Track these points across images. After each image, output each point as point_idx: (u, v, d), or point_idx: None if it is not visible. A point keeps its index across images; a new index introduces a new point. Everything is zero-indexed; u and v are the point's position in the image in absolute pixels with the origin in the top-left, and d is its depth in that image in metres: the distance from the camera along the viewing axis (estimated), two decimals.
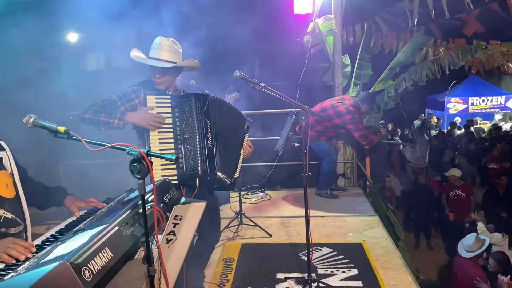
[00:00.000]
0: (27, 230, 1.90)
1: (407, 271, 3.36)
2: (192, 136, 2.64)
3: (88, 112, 2.56)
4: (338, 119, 5.15)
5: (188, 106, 2.66)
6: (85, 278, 1.26)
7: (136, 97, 2.65)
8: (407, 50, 6.72)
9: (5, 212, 1.78)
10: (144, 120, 2.54)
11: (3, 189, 1.81)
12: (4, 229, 1.77)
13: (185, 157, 2.62)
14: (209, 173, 2.65)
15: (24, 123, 1.75)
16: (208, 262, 3.64)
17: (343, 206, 5.23)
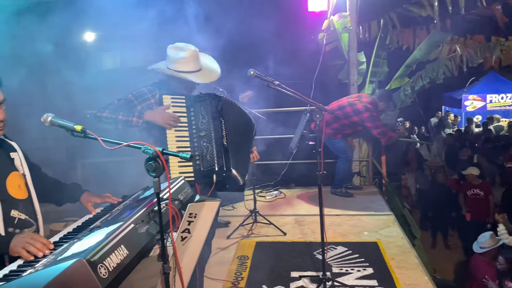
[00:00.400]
0: (39, 230, 1.92)
1: (423, 270, 3.32)
2: (208, 134, 2.70)
3: (106, 111, 2.59)
4: (356, 117, 5.12)
5: (203, 106, 2.73)
6: (101, 275, 1.28)
7: (152, 96, 2.70)
8: (424, 47, 6.64)
9: (19, 213, 1.80)
10: (161, 119, 2.60)
11: (16, 191, 1.83)
12: (19, 230, 1.79)
13: (202, 154, 2.67)
14: (225, 169, 2.69)
15: (42, 122, 1.78)
16: (223, 259, 3.67)
17: (359, 204, 5.19)
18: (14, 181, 1.84)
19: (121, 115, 2.57)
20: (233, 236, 4.20)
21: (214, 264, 3.55)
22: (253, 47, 6.26)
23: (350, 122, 5.20)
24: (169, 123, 2.61)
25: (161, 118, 2.60)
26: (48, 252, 1.58)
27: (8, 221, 1.74)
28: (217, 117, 2.74)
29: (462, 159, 9.09)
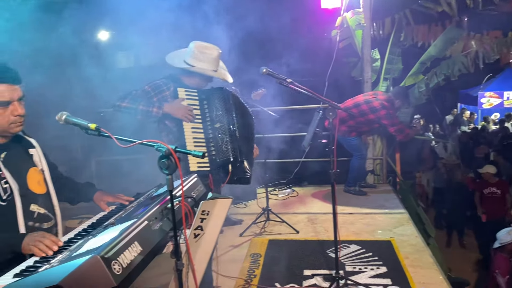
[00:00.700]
0: (58, 225, 1.97)
1: (438, 269, 3.28)
2: (223, 126, 2.85)
3: (126, 101, 2.68)
4: (373, 114, 5.09)
5: (217, 98, 2.88)
6: (115, 271, 1.29)
7: (167, 89, 2.81)
8: (439, 43, 6.56)
9: (39, 207, 1.85)
10: (179, 111, 2.73)
11: (36, 186, 1.88)
12: (38, 224, 1.84)
13: (217, 145, 2.81)
14: (239, 160, 2.84)
15: (57, 120, 1.81)
16: (236, 256, 3.68)
17: (372, 203, 5.15)
18: (34, 177, 1.89)
19: (141, 105, 2.67)
20: (245, 234, 4.21)
21: (227, 261, 3.56)
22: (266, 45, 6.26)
23: (366, 120, 5.18)
24: (186, 116, 2.73)
25: (179, 110, 2.72)
26: (56, 249, 1.62)
27: (28, 215, 1.79)
28: (229, 110, 2.88)
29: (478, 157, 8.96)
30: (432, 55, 6.68)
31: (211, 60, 2.85)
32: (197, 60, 2.83)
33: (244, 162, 2.88)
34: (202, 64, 2.83)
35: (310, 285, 3.11)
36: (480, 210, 6.98)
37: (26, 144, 1.95)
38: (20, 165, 1.85)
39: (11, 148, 1.84)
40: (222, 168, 2.83)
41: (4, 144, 1.81)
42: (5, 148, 1.80)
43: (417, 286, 3.01)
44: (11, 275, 1.47)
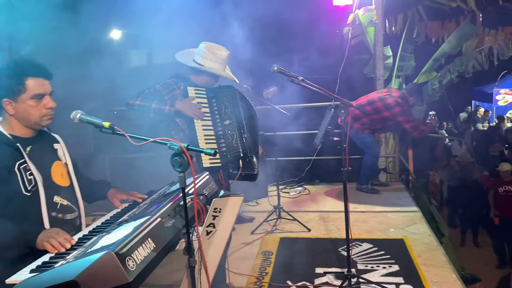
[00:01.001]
0: (81, 217, 2.07)
1: (451, 268, 3.25)
2: (232, 122, 2.94)
3: (138, 99, 2.78)
4: (387, 111, 5.08)
5: (225, 96, 2.98)
6: (129, 267, 1.31)
7: (177, 88, 2.90)
8: (453, 40, 6.48)
9: (62, 199, 1.94)
10: (190, 110, 2.80)
11: (59, 178, 1.97)
12: (61, 215, 1.93)
13: (227, 141, 2.89)
14: (248, 155, 2.93)
15: (71, 118, 1.84)
16: (248, 254, 3.70)
17: (385, 201, 5.12)
18: (58, 170, 1.98)
19: (154, 103, 2.75)
20: (257, 231, 4.22)
21: (238, 258, 3.58)
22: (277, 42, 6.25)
23: (380, 117, 5.16)
24: (196, 114, 2.80)
25: (190, 109, 2.79)
26: (68, 247, 1.65)
27: (51, 206, 1.88)
28: (237, 107, 2.98)
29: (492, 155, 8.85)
30: (445, 51, 6.60)
31: (221, 60, 2.95)
32: (207, 60, 2.91)
33: (253, 157, 2.97)
34: (212, 64, 2.92)
35: (322, 283, 3.11)
36: (493, 212, 6.89)
37: (51, 139, 2.06)
38: (44, 158, 1.94)
39: (37, 142, 1.93)
40: (232, 163, 2.92)
41: (30, 138, 1.91)
42: (31, 142, 1.90)
43: (430, 285, 2.99)
44: (27, 270, 1.50)
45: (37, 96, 1.83)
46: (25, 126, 1.88)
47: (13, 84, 1.79)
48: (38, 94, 1.83)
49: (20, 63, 1.84)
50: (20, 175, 1.79)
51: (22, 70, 1.81)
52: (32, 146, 1.88)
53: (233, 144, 2.90)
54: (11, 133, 1.85)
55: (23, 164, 1.81)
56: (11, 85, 1.79)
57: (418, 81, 6.69)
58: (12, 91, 1.80)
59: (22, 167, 1.80)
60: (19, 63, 1.84)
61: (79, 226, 2.05)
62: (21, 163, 1.81)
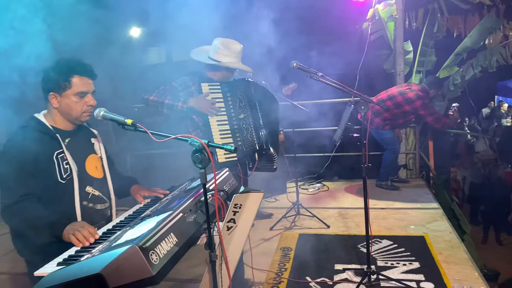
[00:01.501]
0: (112, 208, 2.19)
1: (473, 266, 3.20)
2: (247, 116, 2.96)
3: (153, 95, 2.83)
4: (408, 105, 5.07)
5: (239, 90, 2.99)
6: (153, 261, 1.34)
7: (193, 84, 2.93)
8: (475, 34, 6.35)
9: (93, 189, 2.07)
10: (204, 106, 2.82)
11: (93, 170, 2.10)
12: (92, 204, 2.05)
13: (242, 134, 2.92)
14: (264, 147, 2.96)
15: (95, 116, 1.90)
16: (267, 250, 3.72)
17: (405, 198, 5.08)
18: (92, 162, 2.11)
19: (167, 99, 2.80)
20: (276, 227, 4.23)
21: (258, 254, 3.60)
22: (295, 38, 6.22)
23: (401, 112, 5.15)
24: (210, 111, 2.83)
25: (203, 106, 2.81)
26: (93, 241, 1.71)
27: (83, 195, 2.00)
28: (252, 100, 2.99)
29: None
30: (467, 46, 6.47)
31: (236, 54, 2.96)
32: (222, 55, 2.93)
33: (270, 149, 2.98)
34: (227, 59, 2.93)
35: (341, 279, 3.11)
36: None
37: (89, 133, 2.21)
38: (81, 151, 2.07)
39: (76, 136, 2.07)
40: (249, 157, 2.95)
41: (70, 131, 2.05)
42: (70, 135, 2.04)
43: (451, 283, 2.95)
44: (54, 263, 1.54)
45: (81, 93, 1.97)
46: (66, 120, 2.03)
47: (60, 80, 1.95)
48: (82, 91, 1.97)
49: (68, 61, 1.98)
50: (58, 163, 1.93)
51: (70, 68, 1.96)
52: (70, 139, 2.03)
53: (248, 137, 2.93)
54: (53, 125, 2.00)
55: (61, 154, 1.95)
56: (58, 80, 1.95)
57: (439, 76, 6.58)
58: (58, 86, 1.95)
59: (60, 156, 1.94)
60: (67, 61, 1.98)
61: (110, 217, 2.17)
62: (59, 153, 1.95)
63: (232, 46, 2.95)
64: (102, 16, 4.84)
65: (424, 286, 2.93)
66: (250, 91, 3.02)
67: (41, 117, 2.01)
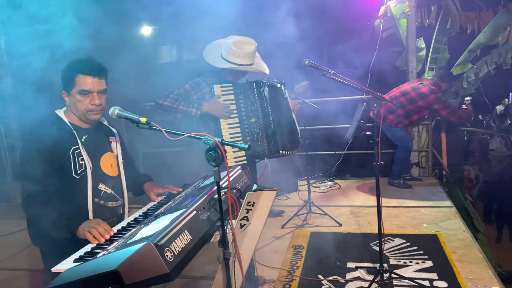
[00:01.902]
0: (124, 206, 2.22)
1: (487, 265, 3.17)
2: (258, 120, 2.96)
3: (167, 100, 2.85)
4: (422, 100, 5.08)
5: (252, 93, 2.97)
6: (168, 258, 1.35)
7: (206, 86, 2.94)
8: (489, 30, 6.25)
9: (106, 187, 2.09)
10: (217, 110, 2.84)
11: (108, 168, 2.13)
12: (103, 202, 2.07)
13: (253, 139, 2.92)
14: (274, 152, 2.96)
15: (110, 114, 1.91)
16: (278, 247, 3.72)
17: (417, 196, 5.04)
18: (108, 160, 2.14)
19: (181, 105, 2.82)
20: (287, 225, 4.24)
21: (269, 252, 3.61)
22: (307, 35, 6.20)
23: (416, 108, 5.15)
24: (224, 114, 2.84)
25: (216, 109, 2.83)
26: (108, 238, 1.73)
27: (96, 192, 2.04)
28: (264, 103, 2.97)
29: None
30: (481, 42, 6.38)
31: (248, 55, 2.94)
32: (234, 56, 2.92)
33: (279, 152, 2.98)
34: (239, 60, 2.92)
35: (354, 278, 3.10)
36: None
37: (108, 132, 2.24)
38: (97, 148, 2.11)
39: (93, 133, 2.11)
40: (259, 160, 2.96)
41: (87, 129, 2.09)
42: (87, 132, 2.08)
43: (465, 282, 2.93)
44: (71, 260, 1.57)
45: (83, 91, 1.99)
46: (78, 117, 2.07)
47: (66, 79, 2.01)
48: (84, 90, 1.99)
49: (73, 60, 2.02)
50: (73, 159, 1.97)
51: (73, 67, 2.00)
52: (88, 136, 2.07)
53: (258, 142, 2.93)
54: (72, 122, 2.06)
55: (77, 150, 1.99)
56: (65, 79, 2.01)
57: (452, 73, 6.51)
58: (66, 85, 2.01)
59: (76, 152, 1.98)
60: (72, 61, 2.02)
61: (122, 215, 2.20)
62: (75, 149, 1.99)
63: (245, 46, 2.94)
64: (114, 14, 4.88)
65: (438, 285, 2.91)
66: (263, 94, 2.99)
67: (61, 114, 2.07)
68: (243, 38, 2.99)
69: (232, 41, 2.95)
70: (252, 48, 2.95)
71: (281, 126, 3.04)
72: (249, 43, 2.96)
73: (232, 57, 2.92)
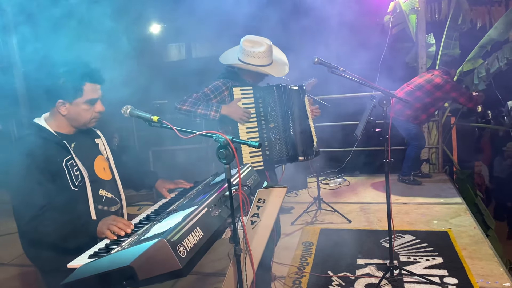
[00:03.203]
0: (123, 208, 2.15)
1: (498, 261, 3.16)
2: (277, 126, 2.91)
3: (186, 104, 2.79)
4: (440, 91, 5.12)
5: (272, 98, 2.92)
6: (180, 254, 1.38)
7: (226, 89, 2.87)
8: (500, 25, 6.17)
9: (106, 192, 2.02)
10: (236, 114, 2.80)
11: (102, 172, 2.05)
12: (106, 207, 2.01)
13: (271, 145, 2.87)
14: (292, 159, 2.93)
15: (122, 113, 1.94)
16: (288, 244, 3.74)
17: (428, 192, 5.02)
18: (100, 164, 2.06)
19: (200, 109, 2.77)
20: (297, 222, 4.25)
21: (279, 248, 3.63)
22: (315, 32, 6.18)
23: (433, 100, 5.18)
24: (242, 119, 2.81)
25: (235, 113, 2.79)
26: (129, 232, 1.74)
27: (97, 199, 1.96)
28: (284, 108, 2.92)
29: None
30: (492, 38, 6.31)
31: (262, 54, 2.85)
32: (248, 56, 2.86)
33: (298, 159, 2.94)
34: (254, 60, 2.85)
35: (364, 274, 3.11)
36: None
37: (92, 134, 2.13)
38: (88, 154, 2.01)
39: (80, 138, 2.00)
40: (277, 165, 2.94)
41: (73, 135, 1.98)
42: (74, 138, 1.97)
43: (475, 278, 2.93)
44: (86, 256, 1.60)
45: (91, 101, 1.91)
46: (72, 126, 1.96)
47: (70, 88, 1.85)
48: (92, 99, 1.91)
49: (80, 68, 1.87)
50: (68, 171, 1.85)
51: (82, 75, 1.86)
52: (75, 142, 1.95)
53: (277, 148, 2.89)
54: (56, 130, 1.91)
55: (70, 161, 1.88)
56: (69, 88, 1.85)
57: (463, 69, 6.45)
58: (68, 94, 1.86)
59: (69, 163, 1.87)
60: (79, 68, 1.87)
61: (122, 217, 2.08)
62: (68, 160, 1.87)
63: (257, 46, 2.87)
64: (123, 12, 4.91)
65: (448, 281, 2.91)
66: (283, 98, 2.93)
67: (43, 122, 1.91)
68: (255, 37, 2.91)
69: (244, 40, 2.89)
70: (263, 48, 2.86)
71: (300, 132, 2.98)
72: (261, 43, 2.88)
73: (246, 58, 2.86)
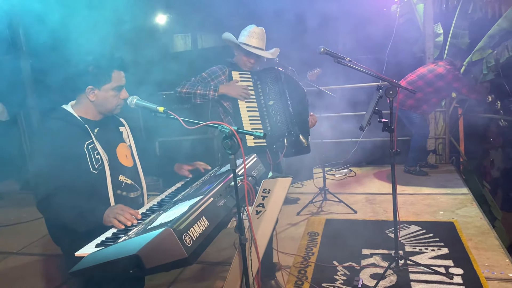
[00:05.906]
0: (144, 195, 2.24)
1: (504, 252, 3.16)
2: (276, 103, 3.01)
3: (185, 87, 2.90)
4: (442, 81, 5.10)
5: (269, 78, 3.05)
6: (186, 243, 1.40)
7: (223, 73, 3.00)
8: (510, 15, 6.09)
9: (126, 178, 2.11)
10: (234, 91, 2.90)
11: (124, 159, 2.15)
12: (126, 193, 2.10)
13: (271, 120, 2.97)
14: (293, 133, 3.00)
15: (128, 104, 1.97)
16: (294, 234, 3.76)
17: (434, 183, 5.01)
18: (122, 151, 2.15)
19: (199, 89, 2.87)
20: (302, 212, 4.27)
21: (285, 238, 3.65)
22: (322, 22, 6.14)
23: (435, 89, 5.16)
24: (241, 95, 2.89)
25: (234, 91, 2.89)
26: (136, 222, 1.76)
27: (117, 184, 2.05)
28: (281, 88, 3.03)
29: None
30: (502, 27, 6.23)
31: (259, 36, 2.98)
32: (248, 37, 2.99)
33: (299, 135, 3.02)
34: (252, 41, 2.97)
35: (369, 264, 3.13)
36: None
37: (117, 122, 2.25)
38: (110, 140, 2.11)
39: (104, 125, 2.11)
40: (278, 142, 2.99)
41: (98, 121, 2.09)
42: (98, 124, 2.08)
43: (481, 269, 2.93)
44: (93, 245, 1.63)
45: (118, 88, 2.03)
46: (99, 112, 2.07)
47: (101, 74, 1.98)
48: (119, 86, 2.03)
49: (109, 56, 2.03)
50: (88, 154, 1.95)
51: (111, 62, 2.01)
52: (99, 128, 2.06)
53: (278, 123, 2.97)
54: (82, 116, 2.03)
55: (91, 144, 1.98)
56: (99, 75, 1.98)
57: (471, 59, 6.38)
58: (98, 80, 1.99)
59: (90, 147, 1.97)
60: (109, 56, 2.02)
61: (142, 204, 2.22)
62: (89, 143, 1.97)
63: (255, 29, 3.00)
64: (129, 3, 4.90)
65: (453, 272, 2.92)
66: (280, 79, 3.05)
67: (69, 108, 2.04)
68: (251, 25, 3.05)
69: (245, 29, 3.04)
70: (258, 29, 2.99)
71: (298, 113, 3.07)
72: (256, 27, 3.03)
73: (246, 39, 2.97)
